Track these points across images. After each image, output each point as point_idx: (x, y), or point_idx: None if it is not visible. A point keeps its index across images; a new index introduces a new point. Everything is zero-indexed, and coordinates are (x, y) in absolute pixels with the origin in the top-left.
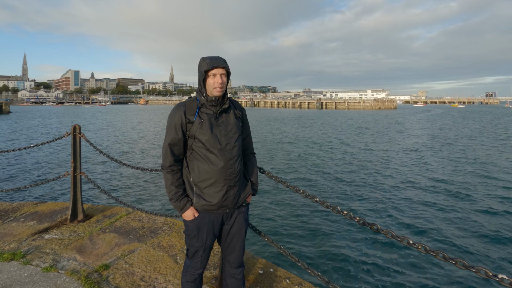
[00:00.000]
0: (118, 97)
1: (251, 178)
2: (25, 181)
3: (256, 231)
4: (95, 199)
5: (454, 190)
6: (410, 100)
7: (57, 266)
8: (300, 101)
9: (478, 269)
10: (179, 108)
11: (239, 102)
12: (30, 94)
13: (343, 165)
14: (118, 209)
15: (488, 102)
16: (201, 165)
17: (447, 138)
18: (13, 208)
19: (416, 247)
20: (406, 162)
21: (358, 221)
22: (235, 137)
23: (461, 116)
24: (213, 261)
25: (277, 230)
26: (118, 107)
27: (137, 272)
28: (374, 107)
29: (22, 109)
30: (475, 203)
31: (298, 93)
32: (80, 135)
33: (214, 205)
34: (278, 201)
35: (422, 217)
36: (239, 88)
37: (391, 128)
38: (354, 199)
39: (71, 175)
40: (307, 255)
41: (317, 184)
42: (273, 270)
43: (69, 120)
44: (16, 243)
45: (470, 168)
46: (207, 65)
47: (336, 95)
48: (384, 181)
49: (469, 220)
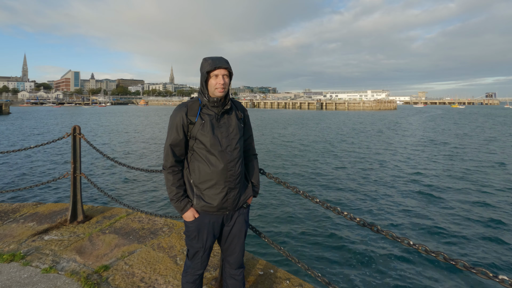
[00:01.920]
0: (118, 98)
1: (252, 180)
2: (25, 182)
3: (256, 232)
4: (95, 200)
5: (454, 190)
6: (410, 101)
7: (57, 267)
8: (300, 102)
9: (478, 270)
10: (181, 109)
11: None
12: (30, 95)
13: (343, 166)
14: (118, 210)
15: (488, 102)
16: (201, 167)
17: (448, 138)
18: (12, 209)
19: (417, 248)
20: (406, 163)
21: (359, 222)
22: (236, 139)
23: (463, 117)
24: (213, 262)
25: (277, 231)
26: (118, 108)
27: (137, 273)
28: (374, 108)
29: (22, 110)
30: (475, 203)
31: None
32: (80, 136)
33: (214, 207)
34: (278, 202)
35: (422, 218)
36: (239, 88)
37: (390, 129)
38: (354, 200)
39: (71, 176)
40: (307, 256)
41: (317, 185)
42: (273, 271)
43: (69, 120)
44: (16, 244)
45: (470, 168)
46: (209, 65)
47: (336, 96)
48: (384, 182)
49: (469, 220)
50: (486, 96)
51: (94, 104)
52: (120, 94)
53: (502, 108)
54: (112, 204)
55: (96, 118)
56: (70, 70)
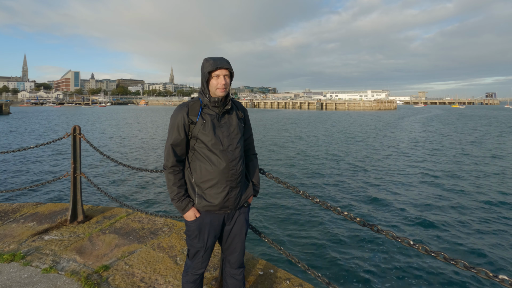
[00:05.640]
0: (118, 98)
1: (253, 179)
2: (25, 182)
3: (256, 232)
4: (95, 200)
5: (454, 191)
6: (410, 101)
7: (57, 267)
8: (300, 102)
9: (478, 270)
10: (182, 109)
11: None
12: (30, 95)
13: (343, 166)
14: (118, 210)
15: (488, 102)
16: (203, 166)
17: (449, 139)
18: (13, 209)
19: (417, 248)
20: (405, 163)
21: (359, 222)
22: (237, 138)
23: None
24: (213, 262)
25: (278, 231)
26: (118, 108)
27: (137, 273)
28: (374, 108)
29: (22, 110)
30: (475, 204)
31: (298, 94)
32: (80, 136)
33: (215, 206)
34: (278, 202)
35: (422, 218)
36: (239, 88)
37: (389, 130)
38: (354, 200)
39: (71, 176)
40: (308, 256)
41: (318, 185)
42: (273, 271)
43: (69, 120)
44: (16, 244)
45: (471, 168)
46: (210, 66)
47: (336, 96)
48: (384, 182)
49: (469, 221)
50: (486, 96)
51: (94, 104)
52: (120, 94)
53: (502, 108)
54: (112, 204)
55: (96, 118)
56: (70, 70)
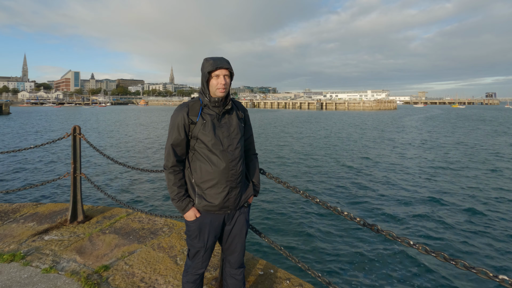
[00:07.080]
0: (118, 98)
1: (253, 179)
2: (25, 182)
3: (256, 232)
4: (95, 200)
5: (454, 190)
6: (410, 101)
7: (57, 267)
8: (300, 102)
9: (478, 270)
10: (182, 109)
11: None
12: (30, 95)
13: (343, 166)
14: (118, 210)
15: (488, 102)
16: (203, 166)
17: (449, 139)
18: (13, 209)
19: (417, 247)
20: (405, 163)
21: (359, 222)
22: (237, 138)
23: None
24: (213, 262)
25: (278, 231)
26: (118, 108)
27: (137, 273)
28: (374, 108)
29: (22, 110)
30: (475, 204)
31: (298, 94)
32: (80, 136)
33: (215, 206)
34: (279, 202)
35: (422, 218)
36: (239, 88)
37: (389, 130)
38: (354, 200)
39: (71, 176)
40: (308, 256)
41: (318, 185)
42: (274, 271)
43: (69, 120)
44: (16, 244)
45: (471, 168)
46: (210, 66)
47: (336, 96)
48: (384, 182)
49: (469, 221)
50: (486, 96)
51: (94, 104)
52: (120, 94)
53: (503, 108)
54: (112, 204)
55: (96, 118)
56: (70, 70)
